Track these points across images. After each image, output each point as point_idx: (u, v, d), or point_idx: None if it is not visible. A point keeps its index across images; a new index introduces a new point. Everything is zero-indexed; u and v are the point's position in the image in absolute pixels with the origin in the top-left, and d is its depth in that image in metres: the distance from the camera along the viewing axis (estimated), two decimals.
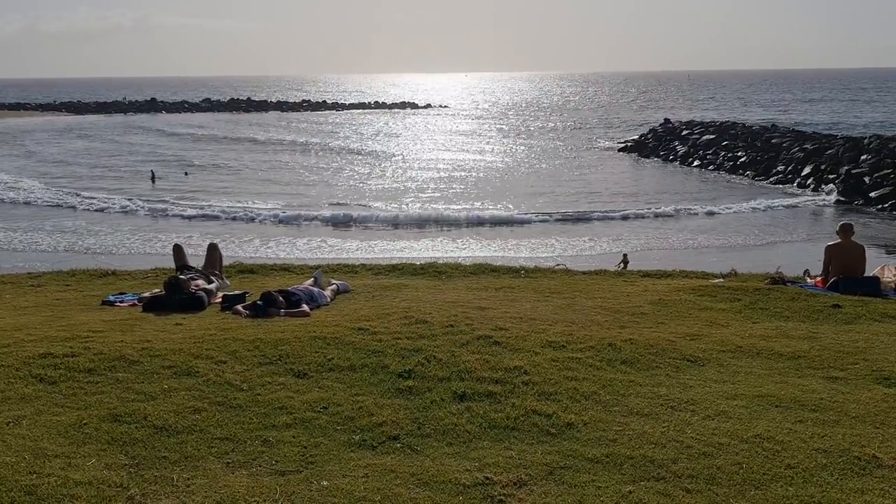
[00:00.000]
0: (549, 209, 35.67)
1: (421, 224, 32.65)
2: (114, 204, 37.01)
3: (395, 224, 32.62)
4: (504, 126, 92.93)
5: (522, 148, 67.51)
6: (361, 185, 45.25)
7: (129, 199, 38.10)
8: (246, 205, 36.98)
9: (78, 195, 39.61)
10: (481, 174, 49.70)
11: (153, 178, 46.14)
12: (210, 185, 44.02)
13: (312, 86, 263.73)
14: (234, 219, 33.64)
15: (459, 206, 36.96)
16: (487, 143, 72.28)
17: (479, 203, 37.96)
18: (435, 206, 37.29)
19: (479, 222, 32.88)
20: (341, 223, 32.59)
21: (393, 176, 49.10)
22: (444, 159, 57.36)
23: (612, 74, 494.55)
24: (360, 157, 58.64)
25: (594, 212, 34.65)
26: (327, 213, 34.53)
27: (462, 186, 43.83)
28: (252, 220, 33.37)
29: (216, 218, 33.87)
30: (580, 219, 32.83)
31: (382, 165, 54.50)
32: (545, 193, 41.32)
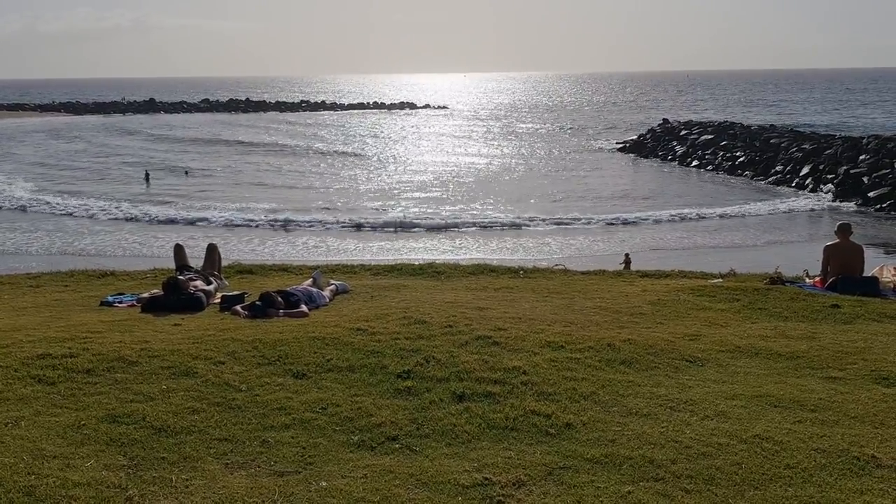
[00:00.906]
0: (547, 211, 35.66)
1: (418, 227, 32.60)
2: (105, 206, 36.86)
3: (396, 226, 32.55)
4: (502, 127, 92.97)
5: (520, 149, 67.53)
6: (361, 187, 45.25)
7: (121, 202, 37.99)
8: (242, 206, 36.96)
9: (69, 197, 39.53)
10: (480, 175, 49.70)
11: (147, 179, 46.00)
12: (205, 188, 43.91)
13: (311, 86, 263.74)
14: (229, 222, 33.54)
15: (457, 208, 36.97)
16: (485, 144, 72.29)
17: (478, 204, 37.96)
18: (433, 207, 37.29)
19: (476, 225, 32.85)
20: (338, 226, 32.54)
21: (393, 178, 49.10)
22: (442, 161, 57.37)
23: (611, 74, 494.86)
24: (358, 160, 58.57)
25: (592, 215, 34.61)
26: (323, 216, 34.49)
27: (461, 188, 43.82)
28: (248, 223, 33.26)
29: (210, 221, 33.74)
30: (578, 224, 32.75)
31: (382, 168, 54.51)
32: (543, 194, 41.32)
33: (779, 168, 44.47)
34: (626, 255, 20.94)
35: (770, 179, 43.60)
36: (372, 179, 47.62)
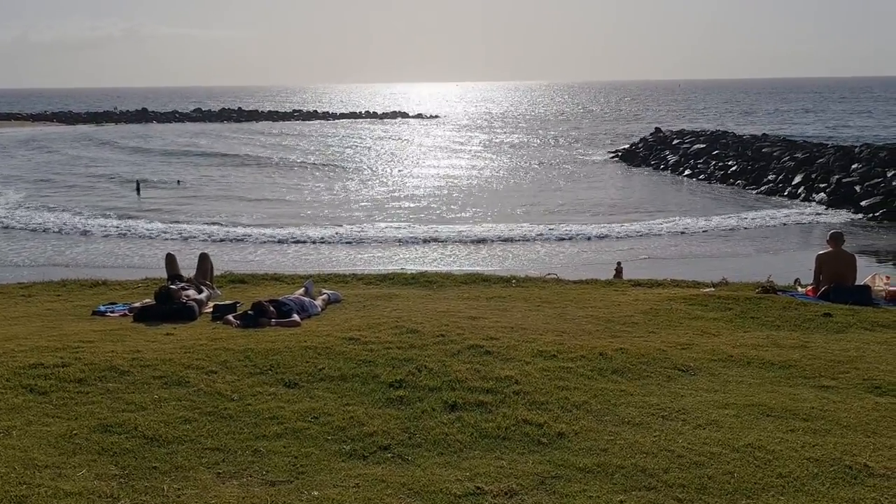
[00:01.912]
0: (539, 220, 35.71)
1: (411, 237, 32.59)
2: (97, 217, 36.77)
3: (388, 238, 32.51)
4: (493, 137, 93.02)
5: (512, 159, 67.61)
6: (353, 198, 45.25)
7: (112, 212, 37.90)
8: (233, 216, 36.93)
9: (59, 208, 39.37)
10: (471, 186, 49.73)
11: (138, 190, 45.80)
12: (196, 198, 43.81)
13: (305, 95, 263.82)
14: (220, 232, 33.48)
15: (449, 218, 37.02)
16: (476, 154, 72.31)
17: (469, 215, 37.99)
18: (424, 218, 37.34)
19: (468, 235, 32.87)
20: (329, 237, 32.50)
21: (384, 189, 49.14)
22: (432, 173, 57.26)
23: (603, 84, 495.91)
24: (348, 172, 58.43)
25: (584, 224, 34.63)
26: (314, 227, 34.46)
27: (452, 199, 43.84)
28: (240, 233, 33.20)
29: (201, 230, 33.66)
30: (570, 233, 32.73)
31: (372, 179, 54.53)
32: (535, 204, 41.37)
33: (771, 177, 44.59)
34: (618, 263, 20.95)
35: (762, 188, 43.71)
36: (363, 190, 47.62)
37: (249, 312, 10.12)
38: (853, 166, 39.98)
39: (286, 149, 74.73)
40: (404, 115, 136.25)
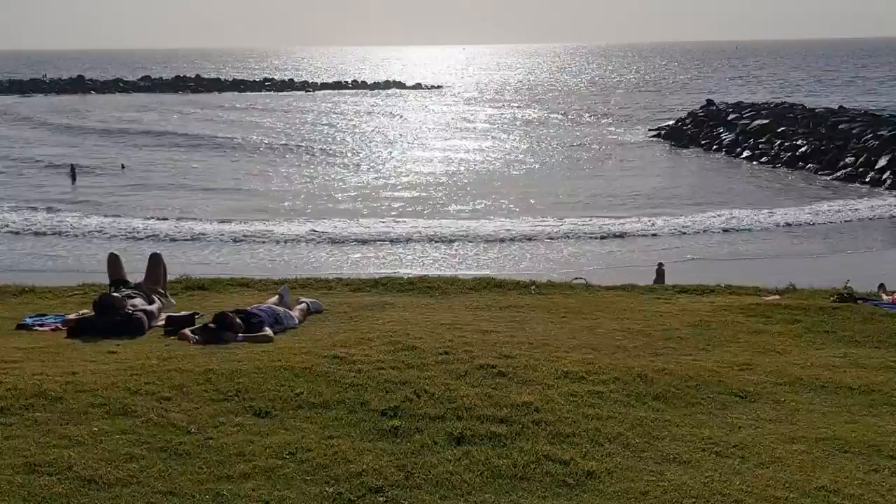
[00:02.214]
0: (564, 213, 35.74)
1: (407, 234, 32.64)
2: (22, 209, 36.82)
3: (390, 238, 32.53)
4: (508, 112, 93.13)
5: (531, 139, 67.66)
6: (337, 187, 45.31)
7: (41, 204, 37.90)
8: (190, 209, 37.01)
9: None
10: (482, 173, 49.86)
11: (73, 176, 45.73)
12: (144, 187, 43.79)
13: (277, 60, 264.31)
14: (174, 228, 33.55)
15: (455, 211, 37.11)
16: (488, 134, 72.30)
17: (481, 207, 38.05)
18: (424, 211, 37.40)
19: (478, 231, 32.93)
20: (307, 234, 32.55)
21: (376, 177, 49.23)
22: (434, 156, 57.45)
23: (643, 46, 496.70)
24: (331, 156, 58.54)
25: (619, 218, 34.63)
26: (289, 222, 34.54)
27: (459, 188, 43.93)
28: (198, 230, 33.25)
29: (151, 225, 33.73)
30: (601, 233, 32.72)
31: (361, 165, 54.68)
32: (561, 194, 41.43)
33: (849, 160, 44.60)
34: (660, 265, 21.01)
35: (839, 174, 43.74)
36: (349, 178, 47.73)
37: (211, 325, 10.13)
38: None
39: (255, 126, 74.88)
40: (400, 84, 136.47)
